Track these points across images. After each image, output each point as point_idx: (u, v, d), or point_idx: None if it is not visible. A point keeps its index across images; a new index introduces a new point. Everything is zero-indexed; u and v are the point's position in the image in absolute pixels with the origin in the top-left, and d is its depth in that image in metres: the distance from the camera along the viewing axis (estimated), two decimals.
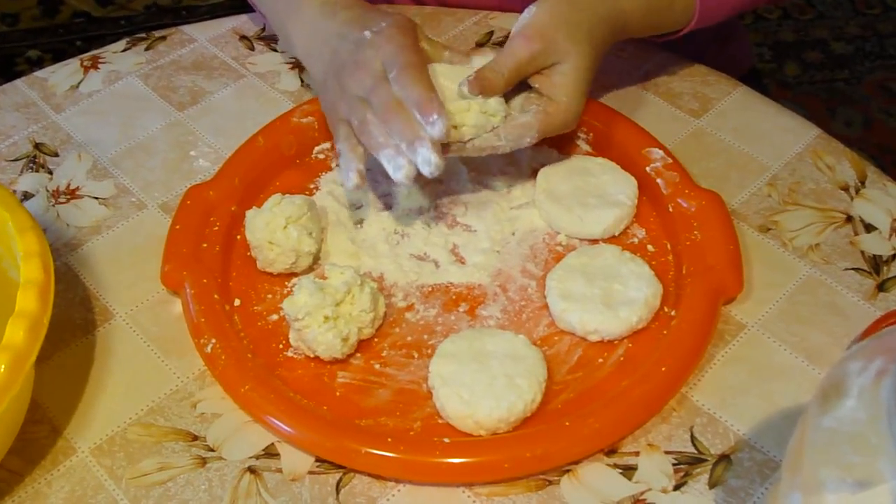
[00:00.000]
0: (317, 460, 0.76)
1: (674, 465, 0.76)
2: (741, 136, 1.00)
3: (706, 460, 0.76)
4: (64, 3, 1.71)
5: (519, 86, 0.87)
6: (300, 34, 0.95)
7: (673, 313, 0.83)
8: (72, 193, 0.97)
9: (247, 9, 1.15)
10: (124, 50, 1.13)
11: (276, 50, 1.12)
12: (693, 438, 0.78)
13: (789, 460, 0.53)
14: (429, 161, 0.80)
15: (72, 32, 1.70)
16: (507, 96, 0.86)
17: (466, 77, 0.84)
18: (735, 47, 1.32)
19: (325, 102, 0.91)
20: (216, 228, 0.89)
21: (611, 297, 0.82)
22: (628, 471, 0.76)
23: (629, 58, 1.09)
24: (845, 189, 0.95)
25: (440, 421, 0.77)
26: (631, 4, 0.92)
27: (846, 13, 2.71)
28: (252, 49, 1.12)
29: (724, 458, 0.76)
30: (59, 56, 1.15)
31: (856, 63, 2.56)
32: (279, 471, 0.76)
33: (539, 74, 0.87)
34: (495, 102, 0.85)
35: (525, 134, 0.85)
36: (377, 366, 0.81)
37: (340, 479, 0.75)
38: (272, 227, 0.84)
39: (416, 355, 0.82)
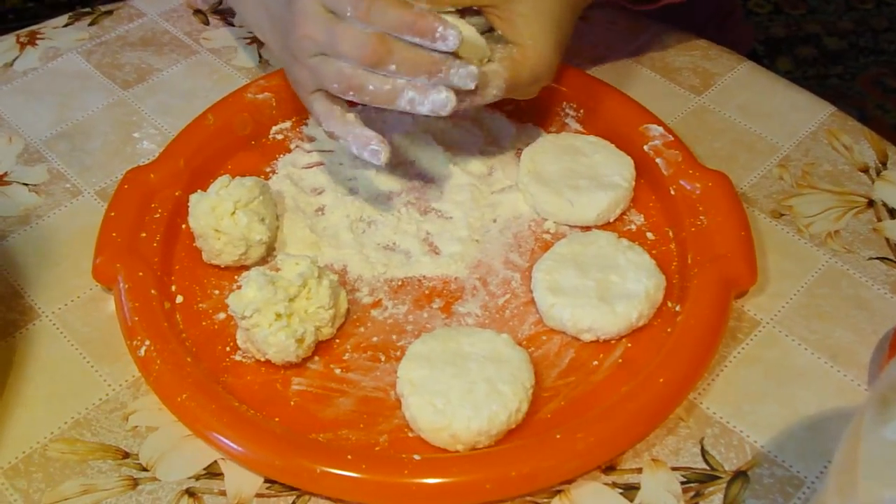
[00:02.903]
0: (266, 481, 0.67)
1: (682, 483, 0.67)
2: (748, 114, 0.92)
3: (720, 477, 0.67)
4: None
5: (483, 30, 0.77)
6: (245, 7, 0.85)
7: (678, 308, 0.74)
8: None
9: None
10: (66, 25, 1.03)
11: (232, 24, 1.02)
12: (704, 452, 0.69)
13: (838, 480, 0.43)
14: (470, 75, 0.70)
15: (23, 18, 1.60)
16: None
17: None
18: (734, 27, 1.23)
19: (290, 80, 0.80)
20: (157, 216, 0.79)
21: (606, 291, 0.73)
22: (630, 491, 0.67)
23: (621, 30, 1.00)
24: (865, 171, 0.86)
25: (410, 434, 0.68)
26: None
27: (839, 8, 2.66)
28: (207, 24, 1.03)
29: (741, 475, 0.67)
30: None
31: (849, 59, 2.51)
32: (223, 493, 0.66)
33: (498, 17, 0.75)
34: (474, 46, 0.74)
35: (489, 85, 0.74)
36: (338, 371, 0.72)
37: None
38: (218, 213, 0.74)
39: (382, 358, 0.73)
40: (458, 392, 0.67)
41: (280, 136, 0.88)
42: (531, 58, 0.74)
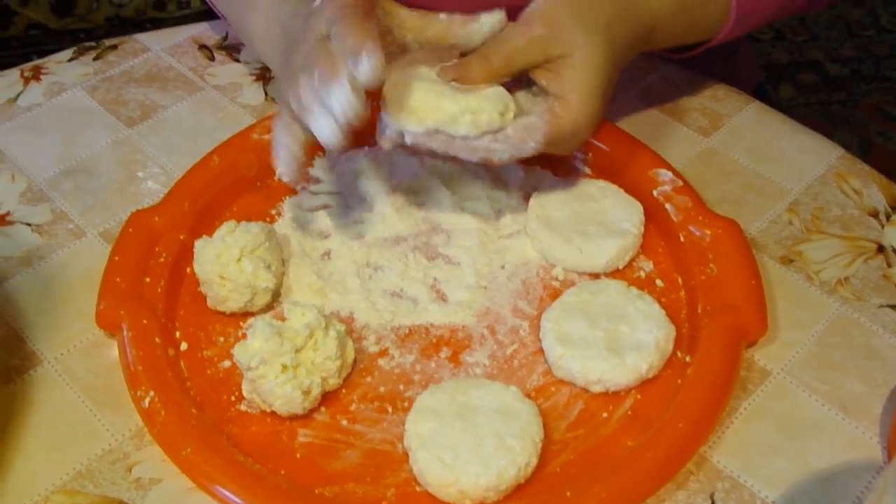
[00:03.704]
0: None
1: None
2: (756, 157, 0.91)
3: None
4: (17, 13, 1.60)
5: (521, 86, 0.76)
6: (257, 25, 0.84)
7: (688, 359, 0.73)
8: (1, 219, 0.86)
9: (210, 17, 1.04)
10: (70, 60, 1.02)
11: (238, 60, 1.01)
12: None
13: None
14: (343, 102, 0.66)
15: (27, 45, 1.59)
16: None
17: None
18: (740, 62, 1.22)
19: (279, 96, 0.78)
20: (162, 260, 0.78)
21: (616, 342, 0.72)
22: None
23: (629, 69, 0.97)
24: (874, 215, 0.86)
25: (418, 489, 0.67)
26: (665, 3, 0.81)
27: (840, 34, 2.65)
28: (212, 59, 1.01)
29: None
30: None
31: (852, 85, 2.49)
32: None
33: (545, 70, 0.75)
34: (497, 97, 0.73)
35: (528, 138, 0.73)
36: (344, 422, 0.71)
37: None
38: (224, 260, 0.73)
39: (389, 409, 0.72)
40: (466, 447, 0.66)
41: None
42: (574, 111, 0.73)
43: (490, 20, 0.75)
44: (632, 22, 0.79)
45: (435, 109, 0.70)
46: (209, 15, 1.04)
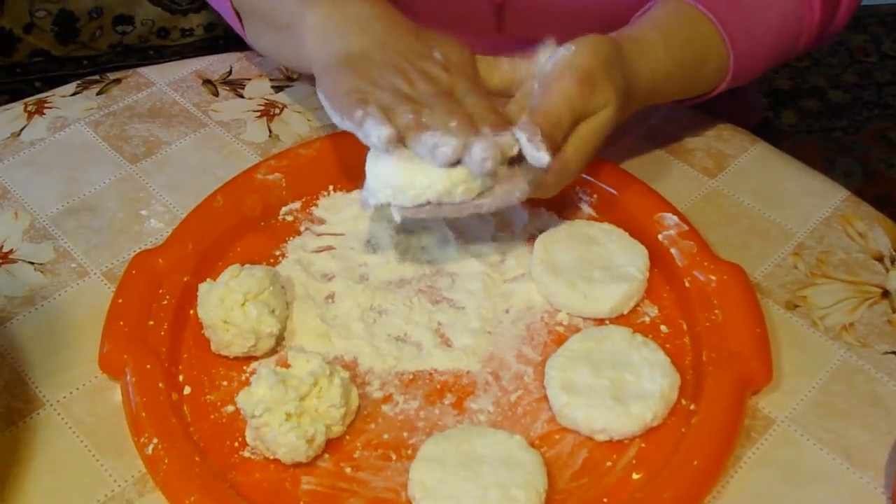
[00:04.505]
0: None
1: None
2: (761, 199, 0.91)
3: None
4: (21, 40, 1.60)
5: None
6: (318, 16, 0.80)
7: (692, 407, 0.73)
8: (4, 257, 0.86)
9: (214, 50, 1.04)
10: (74, 94, 1.02)
11: (242, 96, 1.01)
12: None
13: None
14: (487, 154, 0.69)
15: (30, 72, 1.59)
16: None
17: (521, 134, 0.71)
18: (745, 98, 1.22)
19: (336, 82, 0.75)
20: (165, 303, 0.78)
21: (621, 390, 0.72)
22: None
23: None
24: (879, 259, 0.85)
25: None
26: (663, 65, 0.83)
27: (842, 61, 2.65)
28: (216, 95, 1.01)
29: None
30: (16, 98, 1.04)
31: (853, 112, 2.49)
32: None
33: None
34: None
35: (514, 188, 0.73)
36: (348, 469, 0.70)
37: None
38: (228, 305, 0.73)
39: (393, 457, 0.71)
40: (470, 497, 0.65)
41: (290, 218, 0.87)
42: (562, 163, 0.73)
43: (547, 53, 0.77)
44: (641, 86, 0.80)
45: (427, 187, 0.71)
46: (212, 43, 1.04)
